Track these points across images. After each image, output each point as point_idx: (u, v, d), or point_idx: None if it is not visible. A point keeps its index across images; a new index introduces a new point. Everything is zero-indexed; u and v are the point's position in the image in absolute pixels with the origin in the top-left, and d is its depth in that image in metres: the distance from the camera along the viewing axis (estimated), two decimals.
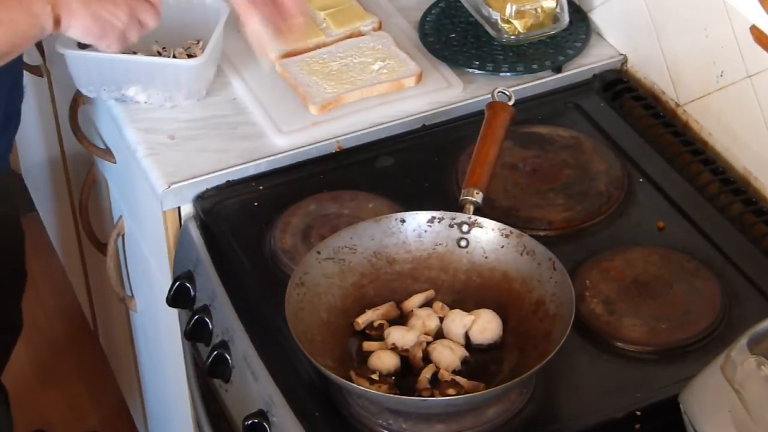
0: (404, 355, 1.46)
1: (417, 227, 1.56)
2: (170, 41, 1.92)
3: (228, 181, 1.77)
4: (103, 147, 2.08)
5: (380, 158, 1.81)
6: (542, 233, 1.64)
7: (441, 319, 1.50)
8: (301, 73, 1.89)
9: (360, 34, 1.98)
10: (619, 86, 1.91)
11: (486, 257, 1.54)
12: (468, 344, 1.48)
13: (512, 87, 1.73)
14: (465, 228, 1.55)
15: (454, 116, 1.86)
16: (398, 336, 1.47)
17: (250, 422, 1.49)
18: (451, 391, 1.40)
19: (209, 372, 1.62)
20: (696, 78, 1.80)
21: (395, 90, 1.87)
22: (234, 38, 1.99)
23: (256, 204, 1.74)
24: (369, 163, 1.80)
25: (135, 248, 2.11)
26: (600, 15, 1.99)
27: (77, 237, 2.66)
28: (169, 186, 1.75)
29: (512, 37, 1.93)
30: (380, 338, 1.48)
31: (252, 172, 1.78)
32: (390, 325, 1.49)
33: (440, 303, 1.52)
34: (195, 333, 1.67)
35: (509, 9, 1.93)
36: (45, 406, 2.84)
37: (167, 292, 1.74)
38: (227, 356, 1.60)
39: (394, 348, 1.46)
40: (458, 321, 1.49)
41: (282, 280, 1.52)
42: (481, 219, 1.55)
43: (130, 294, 2.24)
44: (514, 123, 1.65)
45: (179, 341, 1.85)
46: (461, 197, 1.57)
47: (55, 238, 3.05)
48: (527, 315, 1.48)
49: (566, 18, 1.95)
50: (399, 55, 1.92)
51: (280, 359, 1.52)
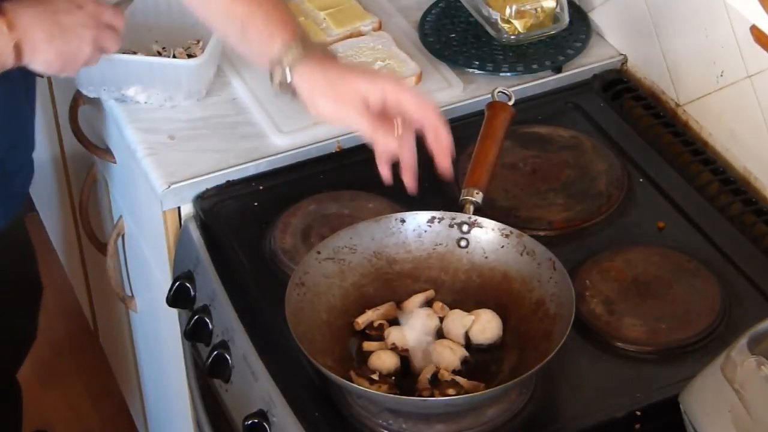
0: (404, 355, 1.46)
1: (417, 227, 1.56)
2: (170, 41, 1.92)
3: (228, 181, 1.77)
4: (103, 147, 2.08)
5: None
6: (542, 233, 1.64)
7: (441, 319, 1.50)
8: None
9: (360, 34, 1.98)
10: (619, 86, 1.91)
11: (486, 257, 1.54)
12: (468, 344, 1.48)
13: (512, 87, 1.73)
14: (465, 228, 1.55)
15: (454, 116, 1.86)
16: (398, 336, 1.47)
17: (250, 422, 1.49)
18: (451, 391, 1.40)
19: (209, 372, 1.62)
20: (696, 78, 1.80)
21: None
22: None
23: (256, 204, 1.74)
24: (369, 163, 1.80)
25: (135, 248, 2.11)
26: (600, 15, 1.99)
27: (77, 237, 2.66)
28: (169, 186, 1.75)
29: (512, 37, 1.93)
30: (380, 338, 1.48)
31: (252, 172, 1.78)
32: (390, 325, 1.49)
33: (440, 303, 1.52)
34: (195, 333, 1.67)
35: (509, 9, 1.93)
36: (45, 406, 2.84)
37: (167, 292, 1.74)
38: (227, 356, 1.59)
39: (394, 348, 1.46)
40: (458, 321, 1.48)
41: (282, 280, 1.52)
42: (481, 219, 1.55)
43: (130, 294, 2.24)
44: (514, 123, 1.65)
45: (179, 341, 1.85)
46: (461, 197, 1.57)
47: (55, 238, 3.05)
48: (527, 315, 1.48)
49: (566, 18, 1.95)
50: (399, 55, 1.92)
51: (280, 359, 1.52)
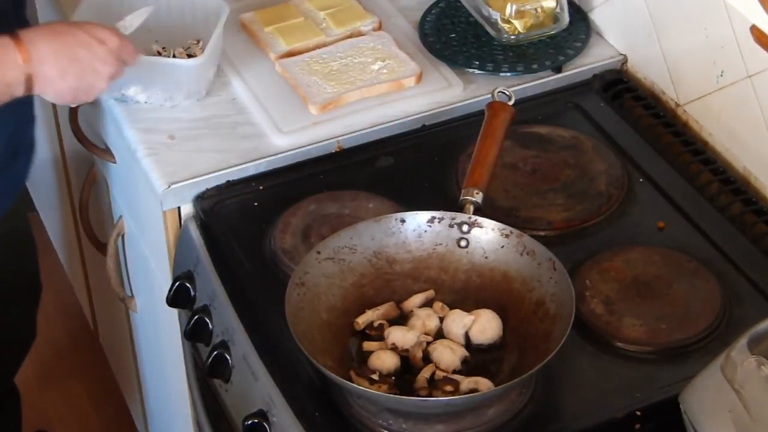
0: (404, 355, 1.46)
1: (417, 227, 1.56)
2: (170, 41, 1.92)
3: (228, 181, 1.77)
4: (103, 147, 2.08)
5: (380, 158, 1.81)
6: (542, 233, 1.64)
7: (441, 319, 1.50)
8: (301, 73, 1.89)
9: (360, 34, 1.98)
10: (619, 86, 1.91)
11: (486, 257, 1.54)
12: (468, 344, 1.48)
13: (512, 87, 1.73)
14: (465, 228, 1.55)
15: (454, 116, 1.86)
16: (398, 336, 1.47)
17: (250, 422, 1.49)
18: (449, 388, 1.40)
19: (209, 372, 1.62)
20: (696, 78, 1.80)
21: (395, 90, 1.87)
22: (234, 38, 1.99)
23: (256, 204, 1.74)
24: (369, 163, 1.80)
25: (135, 248, 2.11)
26: (600, 15, 1.99)
27: (77, 237, 2.66)
28: (169, 186, 1.75)
29: (512, 37, 1.93)
30: (380, 338, 1.48)
31: (252, 172, 1.78)
32: (390, 325, 1.49)
33: (440, 303, 1.52)
34: (195, 333, 1.67)
35: (509, 9, 1.93)
36: (45, 407, 2.84)
37: (167, 292, 1.74)
38: (227, 356, 1.59)
39: (394, 348, 1.46)
40: (458, 321, 1.48)
41: (282, 280, 1.52)
42: (481, 219, 1.55)
43: (130, 294, 2.24)
44: (514, 123, 1.65)
45: (179, 341, 1.85)
46: (461, 197, 1.57)
47: (55, 238, 3.05)
48: (527, 315, 1.48)
49: (566, 18, 1.95)
50: (399, 55, 1.92)
51: (280, 359, 1.52)
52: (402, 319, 1.52)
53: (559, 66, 1.92)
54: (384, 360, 1.45)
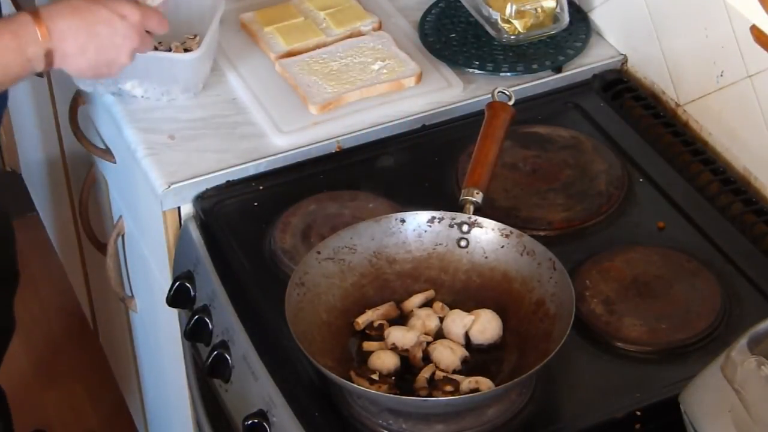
0: (404, 355, 1.46)
1: (417, 227, 1.56)
2: (166, 36, 1.91)
3: (228, 181, 1.77)
4: (103, 147, 2.08)
5: (380, 158, 1.81)
6: (542, 233, 1.64)
7: (441, 319, 1.50)
8: (301, 73, 1.89)
9: (360, 34, 1.98)
10: (619, 86, 1.91)
11: (486, 257, 1.54)
12: (468, 344, 1.48)
13: (512, 87, 1.73)
14: (465, 228, 1.55)
15: (454, 116, 1.86)
16: (398, 336, 1.47)
17: (250, 422, 1.49)
18: (449, 388, 1.40)
19: (209, 372, 1.62)
20: (696, 78, 1.80)
21: (395, 90, 1.87)
22: (234, 38, 1.99)
23: (256, 204, 1.74)
24: (369, 163, 1.80)
25: (135, 248, 2.11)
26: (600, 15, 1.99)
27: (77, 237, 2.66)
28: (169, 186, 1.75)
29: (512, 37, 1.93)
30: (380, 338, 1.48)
31: (252, 172, 1.78)
32: (390, 325, 1.49)
33: (440, 303, 1.52)
34: (195, 333, 1.67)
35: (509, 9, 1.93)
36: (44, 406, 2.84)
37: (167, 292, 1.74)
38: (227, 356, 1.59)
39: (394, 348, 1.46)
40: (458, 321, 1.48)
41: (282, 280, 1.52)
42: (481, 219, 1.55)
43: (130, 294, 2.24)
44: (514, 123, 1.65)
45: (179, 341, 1.85)
46: (461, 197, 1.57)
47: (55, 238, 3.05)
48: (527, 315, 1.48)
49: (566, 18, 1.95)
50: (399, 55, 1.92)
51: (280, 359, 1.52)
52: (402, 319, 1.52)
53: (559, 66, 1.92)
54: (384, 360, 1.45)
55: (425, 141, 1.83)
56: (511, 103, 1.65)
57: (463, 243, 1.55)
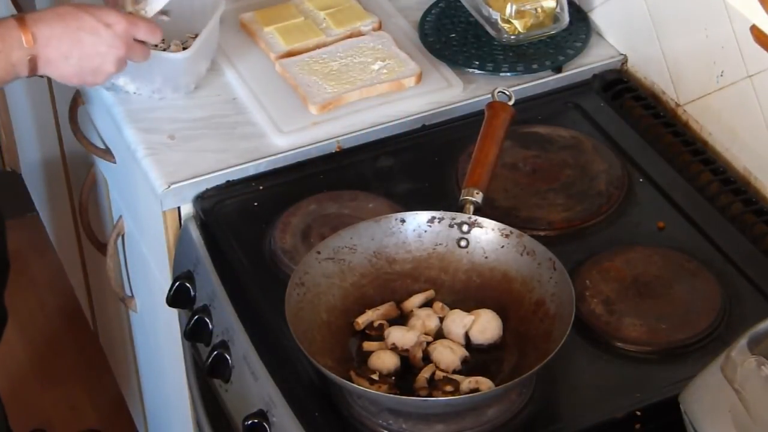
0: (404, 355, 1.46)
1: (417, 227, 1.56)
2: (169, 35, 1.91)
3: (228, 181, 1.77)
4: (103, 147, 2.08)
5: (380, 158, 1.81)
6: (542, 233, 1.64)
7: (441, 319, 1.50)
8: (301, 73, 1.89)
9: (360, 34, 1.98)
10: (619, 86, 1.91)
11: (486, 257, 1.54)
12: (468, 344, 1.48)
13: (512, 87, 1.73)
14: (465, 228, 1.55)
15: (454, 116, 1.86)
16: (398, 336, 1.47)
17: (250, 422, 1.49)
18: (449, 388, 1.40)
19: (209, 372, 1.62)
20: (696, 78, 1.80)
21: (395, 90, 1.87)
22: (234, 38, 1.99)
23: (256, 204, 1.74)
24: (369, 163, 1.80)
25: (135, 248, 2.11)
26: (600, 15, 1.99)
27: (77, 237, 2.66)
28: (169, 186, 1.75)
29: (512, 37, 1.93)
30: (380, 338, 1.48)
31: (252, 172, 1.78)
32: (390, 325, 1.49)
33: (440, 303, 1.52)
34: (195, 333, 1.67)
35: (509, 9, 1.93)
36: (44, 406, 2.84)
37: (167, 292, 1.74)
38: (227, 356, 1.59)
39: (394, 348, 1.46)
40: (458, 321, 1.48)
41: (282, 280, 1.52)
42: (481, 219, 1.55)
43: (130, 294, 2.24)
44: (514, 123, 1.65)
45: (179, 341, 1.85)
46: (461, 197, 1.57)
47: (55, 238, 3.05)
48: (527, 315, 1.48)
49: (566, 18, 1.95)
50: (399, 55, 1.92)
51: (280, 359, 1.52)
52: (402, 319, 1.52)
53: (559, 66, 1.92)
54: (384, 360, 1.45)
55: (425, 141, 1.83)
56: (511, 103, 1.65)
57: (463, 243, 1.55)
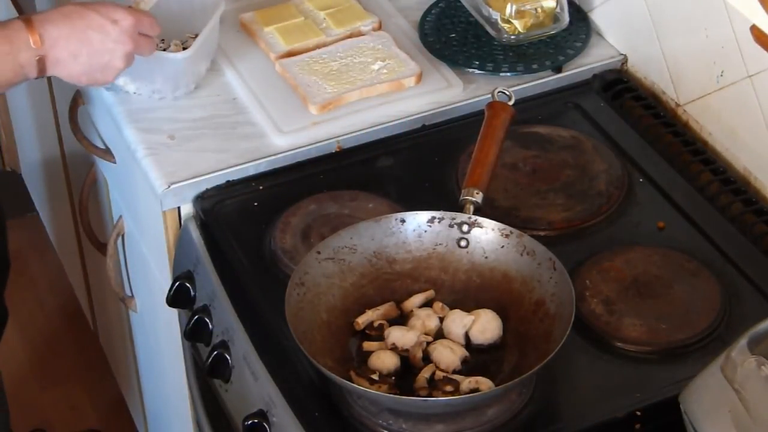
0: (404, 355, 1.46)
1: (417, 227, 1.56)
2: (169, 34, 1.91)
3: (228, 181, 1.77)
4: (103, 147, 2.08)
5: (380, 158, 1.81)
6: (542, 233, 1.64)
7: (441, 319, 1.50)
8: (301, 73, 1.89)
9: (360, 34, 1.98)
10: (619, 86, 1.91)
11: (486, 257, 1.54)
12: (468, 344, 1.48)
13: (512, 87, 1.73)
14: (465, 228, 1.55)
15: (454, 116, 1.86)
16: (398, 336, 1.47)
17: (250, 422, 1.49)
18: (449, 388, 1.40)
19: (209, 372, 1.62)
20: (696, 78, 1.80)
21: (395, 90, 1.87)
22: (234, 38, 1.99)
23: (256, 204, 1.74)
24: (369, 163, 1.80)
25: (135, 248, 2.11)
26: (600, 15, 1.99)
27: (77, 237, 2.66)
28: (169, 186, 1.75)
29: (512, 37, 1.93)
30: (380, 338, 1.48)
31: (252, 172, 1.78)
32: (390, 325, 1.49)
33: (440, 303, 1.52)
34: (195, 333, 1.67)
35: (509, 9, 1.93)
36: (44, 406, 2.84)
37: (167, 292, 1.74)
38: (227, 356, 1.59)
39: (394, 348, 1.46)
40: (458, 321, 1.48)
41: (282, 280, 1.52)
42: (481, 219, 1.55)
43: (130, 294, 2.24)
44: (514, 123, 1.65)
45: (179, 341, 1.85)
46: (461, 197, 1.57)
47: (55, 238, 3.05)
48: (527, 315, 1.48)
49: (566, 18, 1.95)
50: (399, 55, 1.92)
51: (280, 359, 1.52)
52: (402, 319, 1.52)
53: (559, 66, 1.92)
54: (384, 360, 1.45)
55: (425, 141, 1.83)
56: (511, 103, 1.65)
57: (463, 243, 1.55)
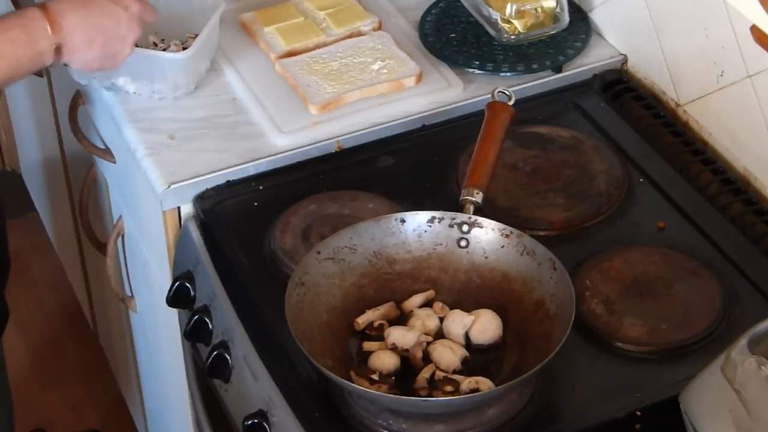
0: (404, 355, 1.46)
1: (417, 227, 1.56)
2: (169, 34, 1.91)
3: (228, 181, 1.77)
4: (103, 147, 2.08)
5: (380, 158, 1.81)
6: (542, 233, 1.64)
7: (441, 320, 1.50)
8: (301, 73, 1.89)
9: (360, 34, 1.98)
10: (619, 86, 1.91)
11: (486, 257, 1.54)
12: (468, 344, 1.48)
13: (512, 87, 1.73)
14: (465, 228, 1.55)
15: (454, 116, 1.86)
16: (398, 336, 1.47)
17: (250, 422, 1.49)
18: (449, 388, 1.40)
19: (209, 372, 1.62)
20: (696, 78, 1.80)
21: (395, 90, 1.87)
22: (234, 38, 1.99)
23: (256, 204, 1.74)
24: (369, 163, 1.80)
25: (135, 248, 2.11)
26: (600, 15, 1.99)
27: (77, 237, 2.66)
28: (169, 186, 1.75)
29: (512, 37, 1.93)
30: (380, 338, 1.48)
31: (252, 172, 1.78)
32: (390, 325, 1.49)
33: (440, 303, 1.52)
34: (195, 333, 1.67)
35: (509, 9, 1.93)
36: (44, 406, 2.84)
37: (167, 292, 1.74)
38: (227, 356, 1.59)
39: (394, 348, 1.46)
40: (458, 321, 1.48)
41: (282, 280, 1.52)
42: (481, 219, 1.55)
43: (130, 294, 2.24)
44: (514, 123, 1.65)
45: (179, 341, 1.85)
46: (461, 197, 1.57)
47: (55, 238, 3.05)
48: (527, 315, 1.48)
49: (566, 18, 1.95)
50: (399, 55, 1.92)
51: (280, 359, 1.52)
52: (402, 319, 1.52)
53: (559, 66, 1.92)
54: (384, 360, 1.45)
55: (425, 141, 1.83)
56: (511, 103, 1.65)
57: (463, 243, 1.55)
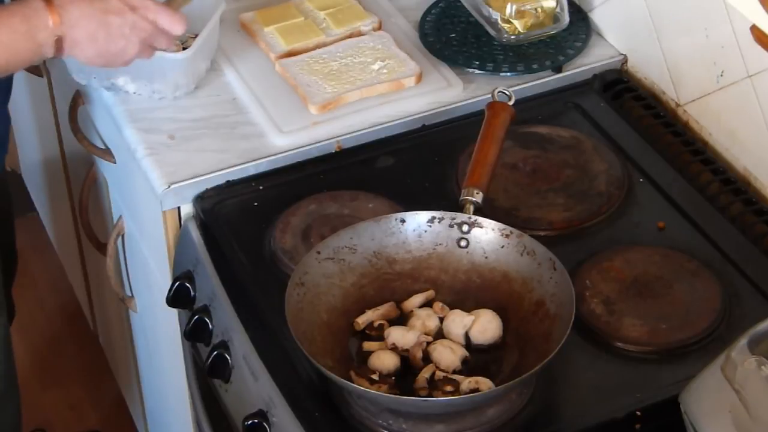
0: (404, 355, 1.46)
1: (417, 227, 1.56)
2: None
3: (228, 181, 1.77)
4: (103, 147, 2.08)
5: (380, 158, 1.81)
6: (542, 233, 1.64)
7: (441, 319, 1.50)
8: (301, 73, 1.89)
9: (360, 34, 1.98)
10: (619, 86, 1.91)
11: (486, 257, 1.54)
12: (468, 344, 1.48)
13: (512, 87, 1.73)
14: (465, 228, 1.55)
15: (454, 116, 1.86)
16: (398, 336, 1.47)
17: (250, 422, 1.49)
18: (449, 388, 1.40)
19: (209, 372, 1.62)
20: (696, 78, 1.80)
21: (395, 90, 1.87)
22: (234, 38, 1.99)
23: (256, 204, 1.74)
24: (369, 163, 1.80)
25: (135, 248, 2.11)
26: (600, 15, 1.99)
27: (77, 237, 2.66)
28: (169, 186, 1.75)
29: (512, 37, 1.93)
30: (380, 338, 1.48)
31: (252, 172, 1.78)
32: (390, 325, 1.49)
33: (440, 303, 1.52)
34: (195, 333, 1.67)
35: (509, 9, 1.93)
36: (44, 406, 2.84)
37: (167, 292, 1.74)
38: (227, 356, 1.59)
39: (394, 348, 1.46)
40: (458, 321, 1.48)
41: (282, 280, 1.52)
42: (481, 219, 1.55)
43: (130, 294, 2.24)
44: (514, 123, 1.65)
45: (179, 341, 1.85)
46: (461, 197, 1.57)
47: (55, 238, 3.05)
48: (527, 315, 1.48)
49: (566, 18, 1.95)
50: (399, 55, 1.92)
51: (280, 359, 1.52)
52: (402, 319, 1.52)
53: (559, 66, 1.92)
54: (384, 360, 1.45)
55: (425, 141, 1.83)
56: (511, 103, 1.65)
57: (463, 243, 1.55)
